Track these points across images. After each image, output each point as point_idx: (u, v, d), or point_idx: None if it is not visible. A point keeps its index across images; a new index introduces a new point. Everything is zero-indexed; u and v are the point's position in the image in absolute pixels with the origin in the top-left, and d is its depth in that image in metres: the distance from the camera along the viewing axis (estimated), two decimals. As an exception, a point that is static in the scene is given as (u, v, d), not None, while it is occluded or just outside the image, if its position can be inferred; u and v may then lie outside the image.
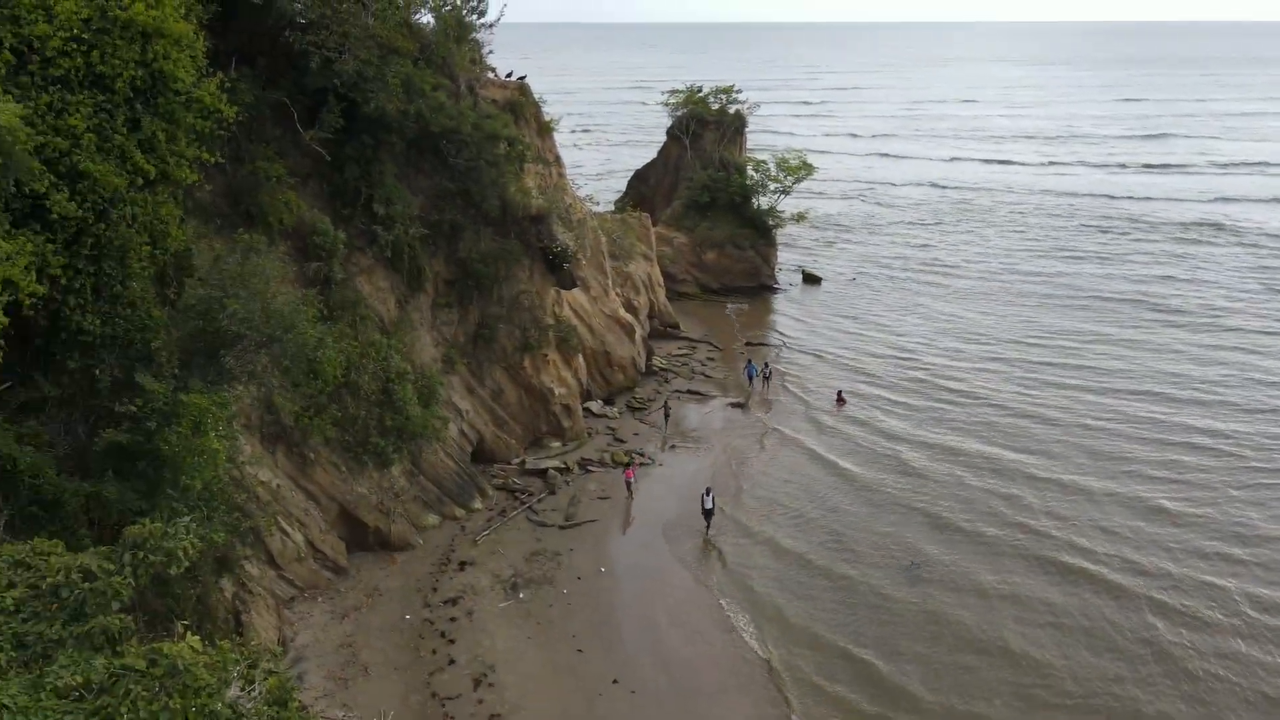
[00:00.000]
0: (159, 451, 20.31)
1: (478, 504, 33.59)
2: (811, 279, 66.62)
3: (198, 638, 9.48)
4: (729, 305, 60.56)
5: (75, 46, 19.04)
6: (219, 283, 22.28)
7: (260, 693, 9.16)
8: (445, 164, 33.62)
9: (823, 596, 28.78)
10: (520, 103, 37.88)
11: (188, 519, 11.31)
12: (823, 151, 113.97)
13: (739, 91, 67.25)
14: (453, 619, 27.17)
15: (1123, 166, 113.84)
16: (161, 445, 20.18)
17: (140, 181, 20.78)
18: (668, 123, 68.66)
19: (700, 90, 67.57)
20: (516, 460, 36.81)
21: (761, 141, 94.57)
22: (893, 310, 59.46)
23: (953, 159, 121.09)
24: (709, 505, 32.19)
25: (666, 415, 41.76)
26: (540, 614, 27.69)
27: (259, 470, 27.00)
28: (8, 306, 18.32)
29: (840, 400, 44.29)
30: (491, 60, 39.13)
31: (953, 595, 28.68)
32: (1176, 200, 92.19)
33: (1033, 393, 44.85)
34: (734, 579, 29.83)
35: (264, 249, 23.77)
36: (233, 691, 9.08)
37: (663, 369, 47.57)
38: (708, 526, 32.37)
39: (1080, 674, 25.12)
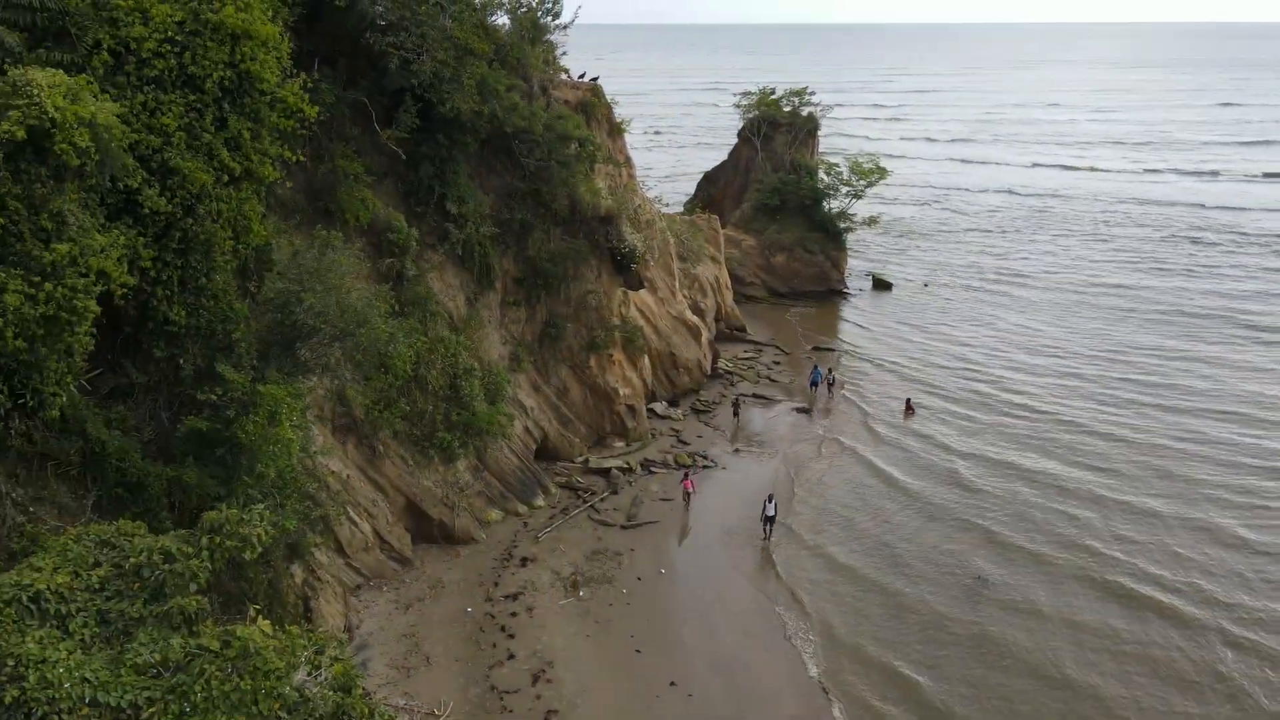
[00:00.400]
0: (236, 439, 21.00)
1: (540, 501, 33.91)
2: (882, 284, 65.61)
3: (268, 622, 9.78)
4: (793, 310, 59.97)
5: (169, 48, 19.78)
6: (296, 277, 22.92)
7: (326, 678, 9.39)
8: (517, 164, 34.03)
9: (874, 611, 28.28)
10: (592, 104, 38.13)
11: (261, 506, 11.69)
12: (898, 156, 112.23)
13: (812, 94, 66.59)
14: (513, 614, 27.47)
15: (1216, 174, 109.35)
16: (239, 433, 20.86)
17: (226, 178, 21.54)
18: (739, 125, 68.32)
19: (773, 92, 67.10)
20: (580, 459, 37.04)
21: (834, 145, 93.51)
22: (964, 319, 58.17)
23: (1034, 164, 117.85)
24: (770, 513, 31.92)
25: (736, 413, 41.74)
26: (599, 613, 27.82)
27: (330, 460, 27.71)
28: (100, 297, 19.17)
29: (909, 409, 43.52)
30: (565, 61, 39.50)
31: (1010, 616, 27.87)
32: (1274, 210, 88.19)
33: (1106, 410, 43.34)
34: (789, 588, 29.51)
35: (340, 245, 24.36)
36: (300, 675, 9.32)
37: (728, 372, 47.37)
38: (767, 534, 32.08)
39: (1144, 705, 24.17)
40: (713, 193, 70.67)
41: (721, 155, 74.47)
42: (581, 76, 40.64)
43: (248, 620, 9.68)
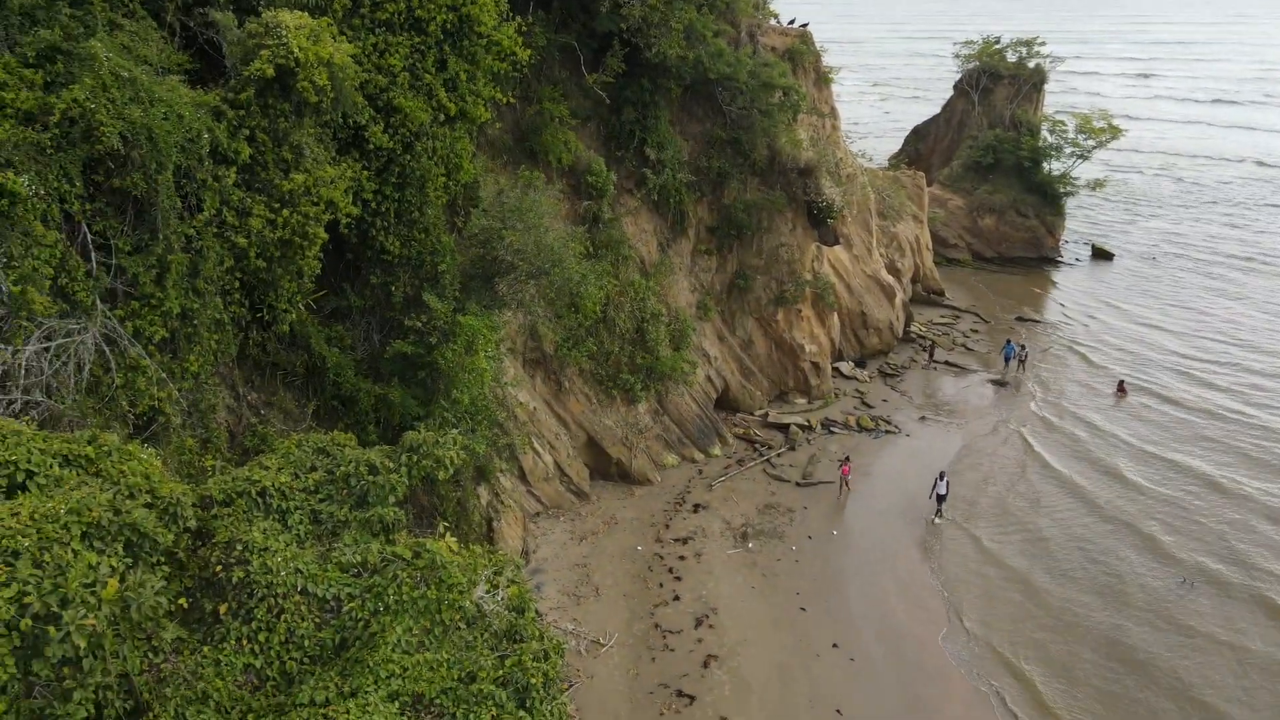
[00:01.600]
0: (436, 365, 22.42)
1: (716, 450, 34.16)
2: (1102, 255, 60.52)
3: (454, 539, 10.45)
4: (998, 276, 56.43)
5: (399, -9, 20.80)
6: (499, 214, 23.88)
7: (503, 598, 9.96)
8: (718, 111, 33.72)
9: (1027, 605, 26.68)
10: (800, 51, 37.03)
11: (455, 430, 12.48)
12: (1142, 118, 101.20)
13: (1042, 44, 61.44)
14: (681, 557, 28.04)
15: None
16: (439, 359, 22.24)
17: (442, 118, 22.69)
18: (957, 76, 64.31)
19: (997, 41, 62.52)
20: (759, 412, 36.93)
21: (1064, 101, 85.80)
22: (1188, 301, 52.50)
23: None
24: (942, 490, 30.48)
25: (931, 352, 42.50)
26: (767, 566, 27.89)
27: (519, 392, 29.06)
28: (328, 225, 20.86)
29: (1121, 390, 40.27)
30: (777, 6, 38.49)
31: (1167, 636, 25.53)
32: None
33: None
34: (956, 569, 28.32)
35: (541, 186, 25.14)
36: (479, 592, 9.93)
37: (920, 336, 45.45)
38: (938, 511, 30.70)
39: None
40: (920, 148, 67.29)
41: (936, 109, 70.50)
42: (791, 22, 39.49)
43: (437, 535, 10.39)
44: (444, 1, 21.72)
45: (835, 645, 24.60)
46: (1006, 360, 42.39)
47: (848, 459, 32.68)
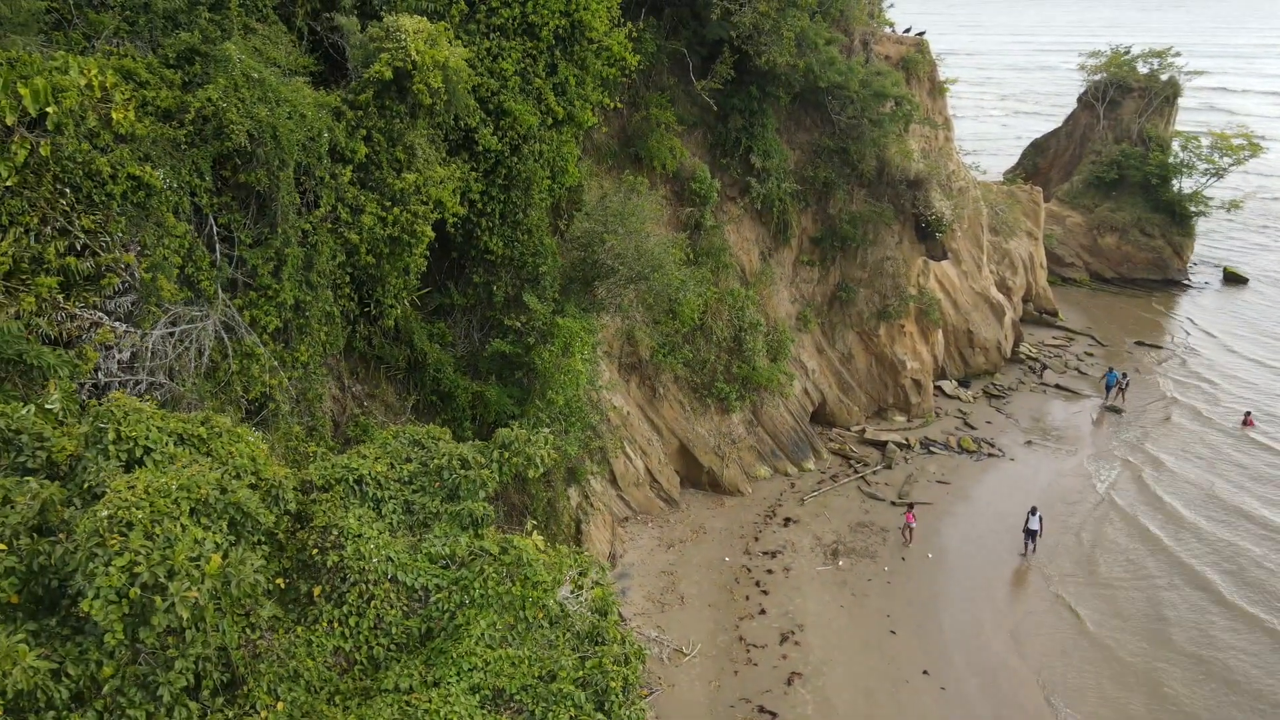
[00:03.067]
0: (533, 365, 22.72)
1: (810, 464, 33.58)
2: (1235, 279, 57.02)
3: (541, 538, 10.53)
4: (1118, 298, 53.73)
5: (515, -2, 21.18)
6: (601, 218, 24.06)
7: (586, 599, 9.97)
8: (827, 120, 33.21)
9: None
10: (915, 60, 36.14)
11: (548, 430, 12.58)
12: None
13: (1177, 55, 58.30)
14: (769, 571, 27.65)
15: None
16: (536, 360, 22.53)
17: (550, 121, 23.03)
18: (1082, 88, 61.66)
19: (1127, 52, 59.66)
20: (856, 427, 36.14)
21: (1198, 117, 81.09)
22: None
23: None
24: (1034, 526, 28.73)
25: (1041, 374, 41.75)
26: (857, 585, 27.23)
27: (614, 396, 29.21)
28: (435, 224, 21.43)
29: (1248, 422, 37.81)
30: (893, 14, 37.71)
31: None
32: None
33: None
34: (1054, 607, 26.98)
35: (644, 191, 25.21)
36: (564, 591, 9.96)
37: (1030, 358, 43.68)
38: (1029, 548, 28.97)
39: None
40: (1039, 162, 64.75)
41: (1058, 123, 67.69)
42: (907, 31, 38.60)
43: (525, 532, 10.48)
44: (557, 7, 22.05)
45: (925, 672, 23.81)
46: (1108, 389, 40.04)
47: (911, 506, 30.38)
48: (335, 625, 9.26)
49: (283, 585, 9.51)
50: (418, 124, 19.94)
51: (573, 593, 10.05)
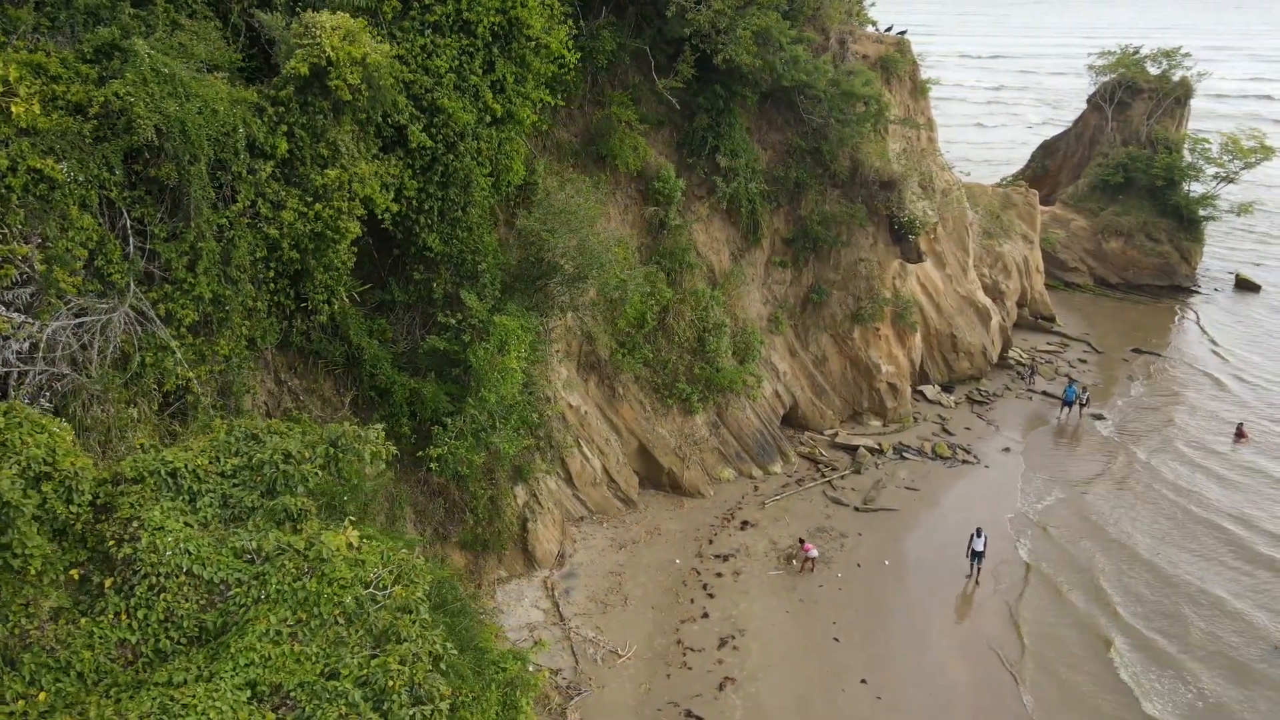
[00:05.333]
0: (469, 362, 22.68)
1: (777, 467, 33.20)
2: (1247, 285, 55.50)
3: (357, 533, 10.45)
4: (1120, 303, 52.50)
5: (450, -6, 21.09)
6: (541, 216, 23.96)
7: (390, 598, 9.87)
8: (800, 119, 32.84)
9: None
10: (894, 60, 35.61)
11: (380, 426, 12.45)
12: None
13: (1186, 55, 56.89)
14: (719, 574, 27.37)
15: None
16: (471, 357, 22.48)
17: (488, 119, 22.98)
18: (1091, 89, 60.39)
19: (1136, 52, 58.33)
20: (829, 431, 35.69)
21: (1209, 121, 78.78)
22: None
23: None
24: (978, 548, 27.52)
25: (1030, 378, 41.19)
26: (807, 591, 26.87)
27: (571, 395, 29.10)
28: (372, 221, 21.52)
29: (1240, 435, 36.77)
30: (890, 14, 37.07)
31: None
32: None
33: None
34: (1001, 619, 26.39)
35: (587, 189, 25.04)
36: (367, 590, 9.87)
37: (1019, 363, 42.84)
38: (973, 570, 27.76)
39: None
40: (1049, 164, 63.59)
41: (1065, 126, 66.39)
42: (888, 30, 38.05)
43: (344, 528, 10.41)
44: (493, 4, 21.99)
45: (864, 681, 23.43)
46: (1066, 404, 38.16)
47: (802, 540, 28.19)
48: (122, 617, 9.27)
49: (77, 577, 9.54)
50: (343, 120, 20.00)
51: (373, 592, 9.95)
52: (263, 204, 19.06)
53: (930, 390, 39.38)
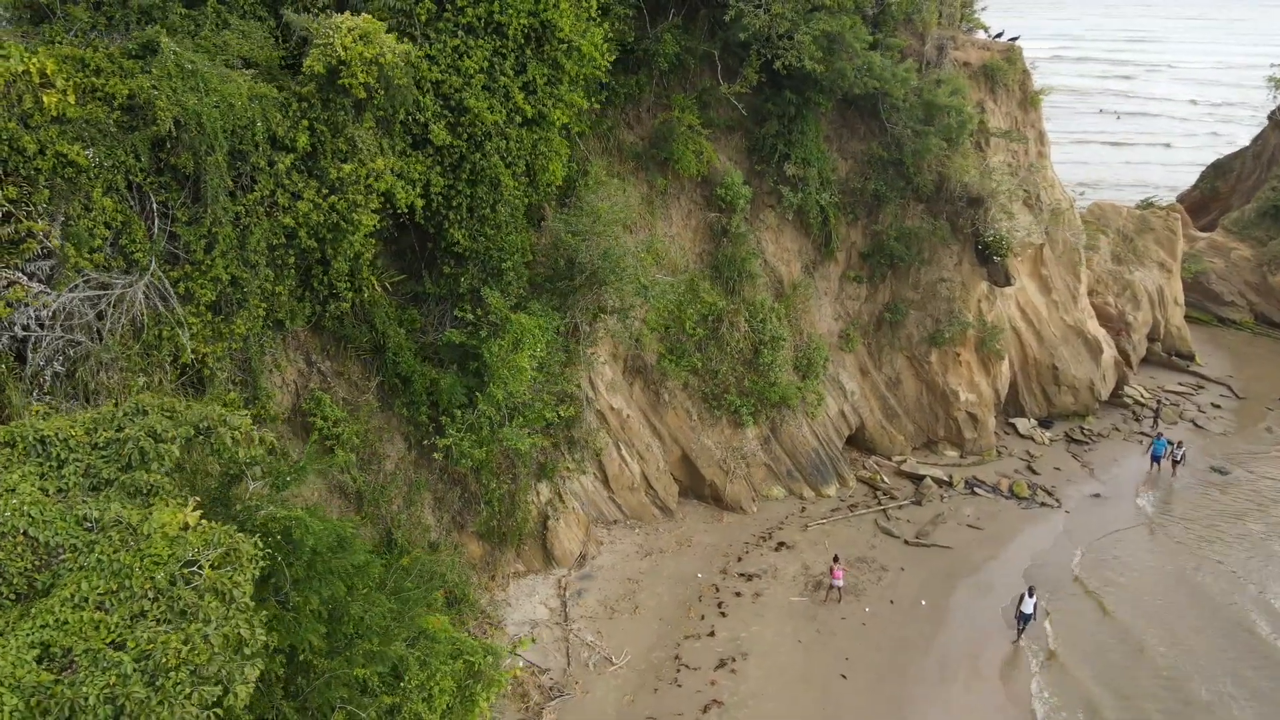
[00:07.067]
0: (484, 357, 23.14)
1: (831, 490, 31.90)
2: None
3: (197, 514, 10.93)
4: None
5: (484, -4, 21.47)
6: (566, 218, 24.06)
7: (203, 579, 10.27)
8: (884, 129, 31.35)
9: None
10: (1000, 68, 33.25)
11: (246, 413, 12.86)
12: None
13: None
14: (738, 594, 26.63)
15: None
16: (485, 353, 22.93)
17: (519, 119, 23.30)
18: (1273, 103, 54.21)
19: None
20: (898, 458, 33.90)
21: None
22: None
23: None
24: (1028, 609, 25.10)
25: (1155, 421, 37.41)
26: (827, 622, 25.70)
27: (614, 397, 29.09)
28: (405, 214, 22.39)
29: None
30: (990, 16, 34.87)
31: None
32: None
33: None
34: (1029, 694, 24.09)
35: (615, 192, 24.89)
36: (179, 569, 10.31)
37: (1139, 403, 39.09)
38: (1019, 632, 25.40)
39: None
40: (1219, 185, 57.71)
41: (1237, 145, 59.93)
42: (999, 36, 35.59)
43: (186, 508, 10.91)
44: (524, 6, 22.26)
45: (861, 724, 22.16)
46: (1154, 459, 34.13)
47: (837, 558, 26.77)
48: (-49, 571, 10.12)
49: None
50: (364, 117, 20.88)
51: (185, 573, 10.35)
52: (281, 194, 20.16)
53: (1024, 424, 36.60)
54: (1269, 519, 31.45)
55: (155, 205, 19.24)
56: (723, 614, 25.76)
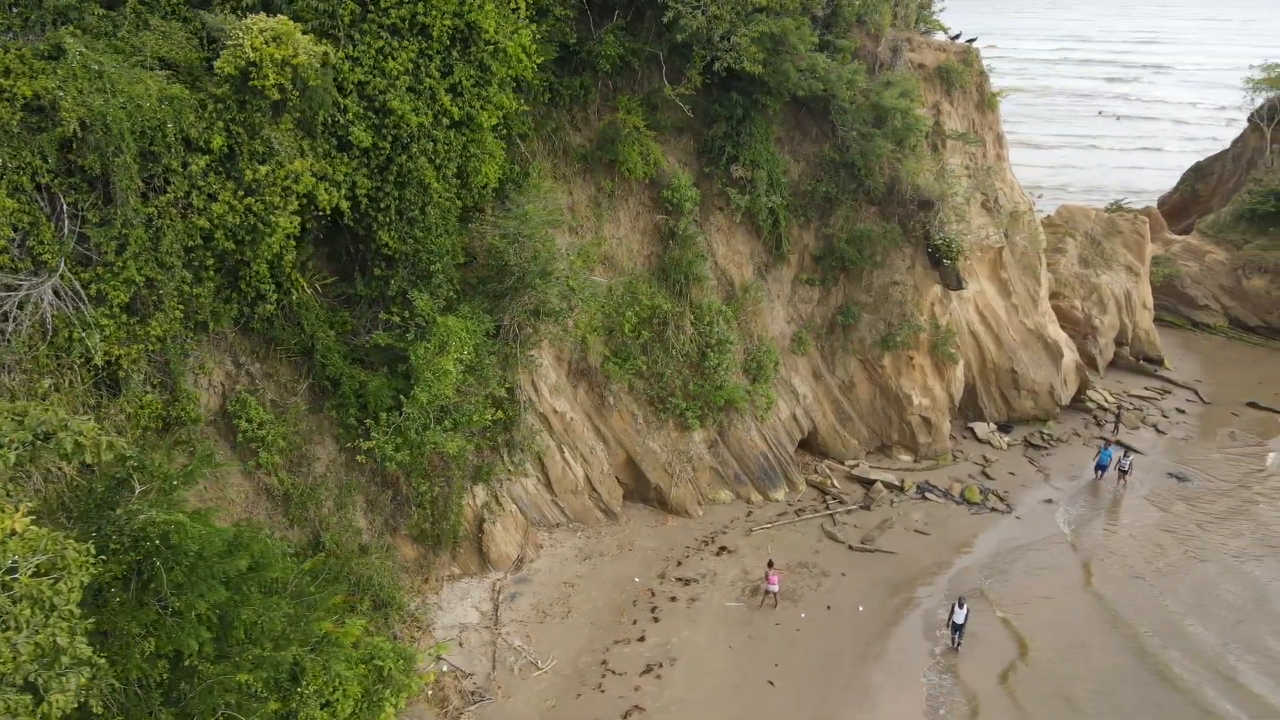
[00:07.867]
0: (410, 359, 23.03)
1: (779, 494, 31.72)
2: None
3: (27, 520, 10.85)
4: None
5: (407, -2, 21.32)
6: (493, 220, 23.93)
7: (19, 589, 10.19)
8: (834, 131, 31.13)
9: None
10: (955, 70, 32.98)
11: (93, 422, 12.79)
12: None
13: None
14: (673, 598, 26.48)
15: None
16: (411, 355, 22.82)
17: (446, 121, 23.16)
18: (1252, 105, 53.76)
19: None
20: (850, 462, 33.70)
21: None
22: None
23: None
24: (959, 620, 24.82)
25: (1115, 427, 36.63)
26: (760, 628, 25.53)
27: (557, 400, 28.96)
28: (334, 215, 22.30)
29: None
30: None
31: None
32: None
33: None
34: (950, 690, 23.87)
35: (541, 194, 24.75)
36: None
37: (1099, 408, 38.80)
38: (953, 642, 25.09)
39: None
40: (1200, 188, 57.36)
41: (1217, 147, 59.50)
42: (955, 37, 35.32)
43: (18, 515, 10.84)
44: (448, 8, 22.12)
45: (783, 732, 22.00)
46: (1099, 468, 33.63)
47: (771, 563, 26.50)
48: None
49: None
50: (281, 119, 20.77)
51: (15, 578, 10.28)
52: (197, 196, 20.07)
53: (982, 428, 36.37)
54: (1190, 544, 30.43)
55: (65, 206, 19.19)
56: (655, 619, 25.62)
